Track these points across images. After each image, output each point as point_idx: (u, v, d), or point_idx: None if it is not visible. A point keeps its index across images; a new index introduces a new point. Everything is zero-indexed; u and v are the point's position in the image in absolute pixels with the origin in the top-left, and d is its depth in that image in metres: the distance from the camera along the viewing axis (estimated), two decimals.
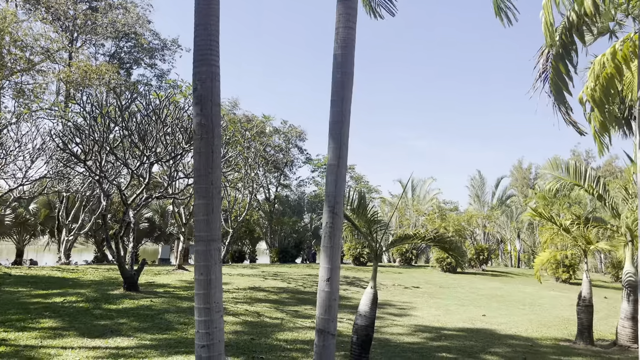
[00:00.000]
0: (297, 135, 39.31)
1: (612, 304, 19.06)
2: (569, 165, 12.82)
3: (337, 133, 5.42)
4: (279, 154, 37.55)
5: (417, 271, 29.20)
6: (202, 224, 4.43)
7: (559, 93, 8.86)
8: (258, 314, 12.45)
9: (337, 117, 5.45)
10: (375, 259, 9.61)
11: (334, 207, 5.37)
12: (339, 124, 5.40)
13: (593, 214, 16.20)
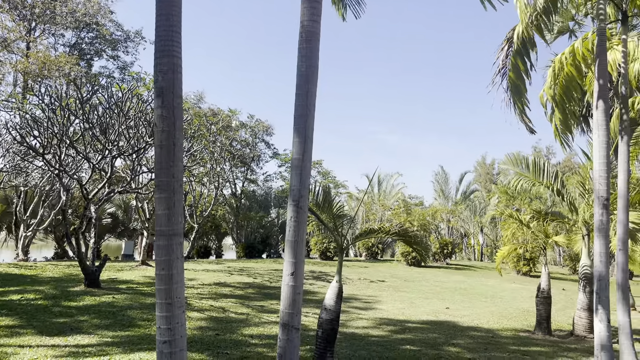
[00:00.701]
0: (264, 129, 39.09)
1: (570, 296, 19.72)
2: (528, 161, 13.16)
3: (301, 127, 5.41)
4: (245, 149, 37.28)
5: (383, 265, 29.53)
6: (164, 218, 4.35)
7: (516, 89, 9.07)
8: (223, 309, 12.37)
9: (301, 110, 5.44)
10: (341, 253, 9.66)
11: (299, 201, 5.36)
12: (303, 118, 5.39)
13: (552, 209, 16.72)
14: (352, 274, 22.88)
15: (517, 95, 9.56)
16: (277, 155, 42.35)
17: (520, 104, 9.75)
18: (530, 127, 10.20)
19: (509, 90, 9.75)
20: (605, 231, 7.74)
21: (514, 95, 9.69)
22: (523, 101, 9.69)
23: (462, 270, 29.79)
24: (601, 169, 7.68)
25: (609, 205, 7.84)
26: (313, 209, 9.60)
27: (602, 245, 7.69)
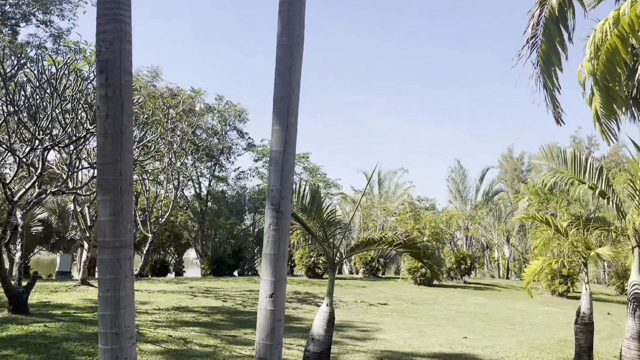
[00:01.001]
0: (236, 114, 39.01)
1: (617, 321, 19.93)
2: (566, 155, 13.24)
3: (283, 111, 5.40)
4: (212, 139, 37.18)
5: (385, 284, 29.60)
6: (108, 226, 4.33)
7: (547, 65, 9.10)
8: (185, 340, 12.33)
9: (283, 91, 5.43)
10: (333, 270, 9.70)
11: (279, 204, 5.36)
12: (285, 100, 5.38)
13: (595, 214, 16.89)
14: (347, 295, 22.92)
15: (548, 73, 9.63)
16: (252, 147, 42.31)
17: (551, 84, 9.82)
18: (558, 114, 10.28)
19: (539, 65, 9.81)
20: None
21: (544, 73, 9.76)
22: (554, 81, 9.77)
23: (483, 290, 29.97)
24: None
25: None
26: (298, 215, 9.63)
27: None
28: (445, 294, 26.26)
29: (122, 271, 4.37)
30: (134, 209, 28.04)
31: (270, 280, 5.34)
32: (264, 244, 5.41)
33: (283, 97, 5.39)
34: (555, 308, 23.29)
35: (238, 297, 20.39)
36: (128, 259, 4.43)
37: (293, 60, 5.41)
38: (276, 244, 5.35)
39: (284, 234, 5.39)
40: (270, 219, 5.41)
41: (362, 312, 19.11)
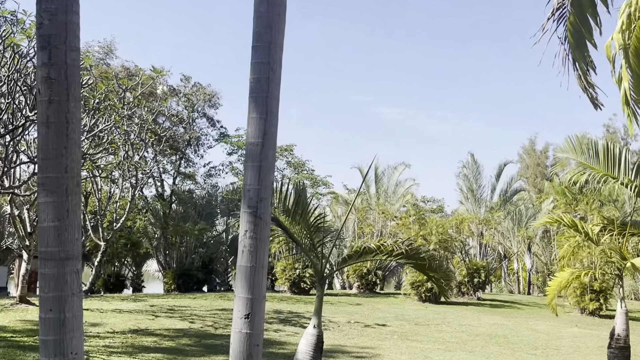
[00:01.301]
0: (205, 99, 38.93)
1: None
2: (598, 147, 13.33)
3: (262, 95, 5.39)
4: (177, 127, 37.06)
5: (384, 301, 29.65)
6: (52, 234, 4.30)
7: (578, 40, 9.11)
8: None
9: (262, 71, 5.41)
10: (321, 285, 9.72)
11: (257, 207, 5.35)
12: (264, 83, 5.37)
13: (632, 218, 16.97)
14: (339, 314, 22.94)
15: (579, 49, 9.64)
16: (225, 138, 42.28)
17: (584, 63, 9.84)
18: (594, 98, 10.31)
19: (567, 41, 9.83)
20: None
21: (573, 50, 9.78)
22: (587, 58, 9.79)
23: (500, 308, 30.10)
24: None
25: None
26: (279, 219, 9.63)
27: None
28: (455, 312, 26.34)
29: (67, 288, 4.34)
30: (83, 213, 27.91)
31: (245, 298, 5.33)
32: (239, 255, 5.39)
33: (261, 79, 5.37)
34: (585, 329, 23.44)
35: (208, 317, 20.33)
36: (75, 273, 4.40)
37: (273, 34, 5.40)
38: (253, 254, 5.34)
39: (263, 243, 5.38)
40: (246, 224, 5.39)
41: (356, 334, 19.12)
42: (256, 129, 5.40)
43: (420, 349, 17.26)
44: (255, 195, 5.37)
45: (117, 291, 34.65)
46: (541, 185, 62.88)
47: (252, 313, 5.34)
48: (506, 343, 19.15)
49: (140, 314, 19.97)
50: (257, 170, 5.39)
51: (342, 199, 44.51)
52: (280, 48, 5.47)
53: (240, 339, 5.34)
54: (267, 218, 5.43)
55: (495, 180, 48.05)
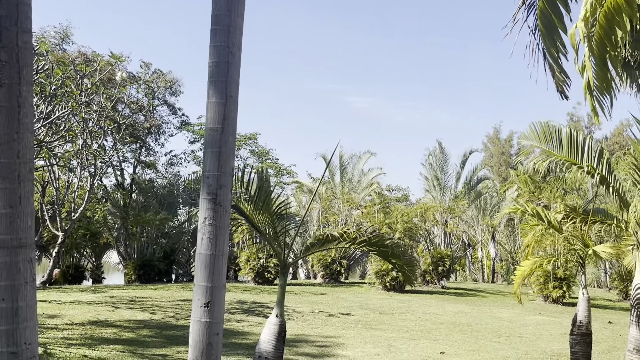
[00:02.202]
0: (166, 86, 38.57)
1: (619, 331, 20.50)
2: (562, 135, 13.48)
3: (221, 80, 5.35)
4: (137, 115, 36.68)
5: (349, 290, 29.79)
6: (4, 221, 4.23)
7: (549, 29, 9.20)
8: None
9: (221, 55, 5.38)
10: (284, 274, 9.71)
11: (217, 194, 5.32)
12: (223, 66, 5.33)
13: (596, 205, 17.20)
14: (303, 304, 22.99)
15: (550, 36, 9.72)
16: (187, 126, 41.98)
17: (555, 50, 9.94)
18: (563, 88, 10.44)
19: (537, 30, 9.92)
20: None
21: (544, 38, 9.86)
22: (558, 46, 9.88)
23: (464, 296, 30.43)
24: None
25: None
26: (241, 207, 9.59)
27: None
28: (419, 301, 26.55)
29: (20, 276, 4.28)
30: (41, 203, 27.56)
31: (205, 286, 5.31)
32: (198, 242, 5.37)
33: (220, 63, 5.34)
34: (549, 317, 23.80)
35: (169, 308, 20.24)
36: (28, 262, 4.34)
37: (232, 17, 5.36)
38: (213, 242, 5.32)
39: (223, 230, 5.36)
40: (205, 211, 5.37)
41: (320, 324, 19.18)
42: (216, 114, 5.37)
43: (385, 337, 17.37)
44: (214, 182, 5.34)
45: (76, 283, 34.30)
46: (506, 174, 63.68)
47: (212, 301, 5.32)
48: (470, 331, 19.37)
49: (100, 306, 19.81)
50: (217, 156, 5.36)
51: (307, 188, 44.54)
52: (240, 31, 5.44)
53: (200, 328, 5.32)
54: (227, 205, 5.40)
55: (460, 168, 48.43)
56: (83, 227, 34.81)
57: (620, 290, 33.43)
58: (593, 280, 42.99)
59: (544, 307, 27.53)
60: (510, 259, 46.56)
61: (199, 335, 5.31)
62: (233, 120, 5.42)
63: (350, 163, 44.66)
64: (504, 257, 48.81)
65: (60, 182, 28.43)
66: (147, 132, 38.65)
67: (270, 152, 46.90)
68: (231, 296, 23.95)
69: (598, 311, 25.98)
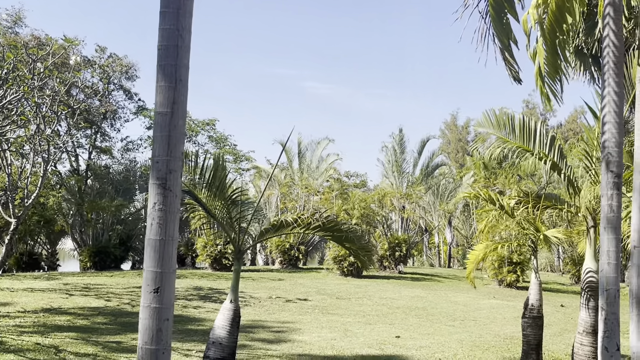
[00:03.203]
0: (122, 70, 38.08)
1: (571, 314, 20.96)
2: (514, 122, 13.65)
3: (170, 63, 5.29)
4: (92, 100, 36.15)
5: (307, 276, 29.89)
6: None
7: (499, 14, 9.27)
8: (56, 349, 12.13)
9: (170, 38, 5.31)
10: (239, 259, 9.71)
11: (166, 179, 5.26)
12: (172, 50, 5.26)
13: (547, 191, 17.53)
14: (260, 290, 23.02)
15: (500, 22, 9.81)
16: (144, 111, 41.56)
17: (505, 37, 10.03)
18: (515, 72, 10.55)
19: (488, 15, 9.99)
20: (616, 221, 8.20)
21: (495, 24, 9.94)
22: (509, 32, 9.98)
23: (420, 281, 30.74)
24: (610, 131, 8.10)
25: (622, 183, 8.29)
26: (195, 193, 9.55)
27: (610, 241, 8.14)
28: (376, 286, 26.77)
29: None
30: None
31: (155, 272, 5.25)
32: (148, 228, 5.31)
33: (169, 47, 5.27)
34: (503, 300, 24.20)
35: (125, 295, 20.12)
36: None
37: (182, 0, 5.30)
38: (163, 227, 5.26)
39: (173, 215, 5.31)
40: (155, 196, 5.31)
41: (277, 309, 19.24)
42: (165, 98, 5.30)
43: (341, 322, 17.49)
44: (164, 167, 5.29)
45: (30, 270, 33.85)
46: (462, 160, 64.29)
47: (162, 287, 5.27)
48: (425, 315, 19.60)
49: (54, 293, 19.63)
50: (166, 140, 5.30)
51: (266, 174, 44.43)
52: (190, 14, 5.38)
53: (150, 314, 5.28)
54: (177, 190, 5.35)
55: (418, 155, 48.76)
56: (37, 213, 34.26)
57: (573, 274, 34.10)
58: (547, 264, 43.77)
59: (499, 291, 27.95)
60: (466, 244, 47.10)
61: (149, 320, 5.26)
62: (183, 105, 5.36)
63: (309, 149, 44.72)
64: (460, 242, 49.38)
65: (12, 168, 27.88)
66: (103, 117, 38.17)
67: (229, 138, 46.78)
68: (188, 283, 23.88)
69: (551, 295, 26.48)
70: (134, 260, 39.41)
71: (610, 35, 8.07)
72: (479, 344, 15.24)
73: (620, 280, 8.57)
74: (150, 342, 5.26)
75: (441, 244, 49.91)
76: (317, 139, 44.72)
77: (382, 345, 14.50)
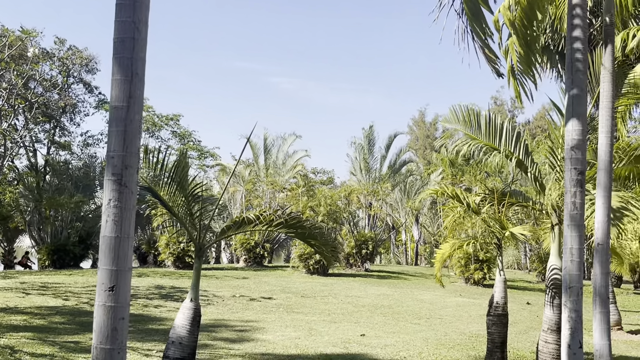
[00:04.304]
0: (82, 63, 37.65)
1: (537, 312, 21.23)
2: (480, 118, 13.77)
3: (126, 57, 5.25)
4: (51, 93, 35.71)
5: (272, 274, 29.88)
6: None
7: (475, 10, 9.35)
8: (12, 349, 12.00)
9: (126, 31, 5.27)
10: (199, 257, 9.68)
11: (122, 175, 5.22)
12: (128, 43, 5.22)
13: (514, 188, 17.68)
14: (224, 288, 22.95)
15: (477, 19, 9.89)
16: (104, 104, 41.14)
17: (482, 33, 10.13)
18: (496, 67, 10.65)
19: (464, 13, 10.08)
20: (579, 218, 8.32)
21: (472, 22, 10.03)
22: (485, 29, 10.08)
23: (387, 279, 30.91)
24: (574, 128, 8.22)
25: (585, 180, 8.42)
26: (154, 189, 9.49)
27: (574, 238, 8.24)
28: (342, 284, 26.84)
29: None
30: None
31: (110, 270, 5.22)
32: (103, 225, 5.28)
33: (125, 40, 5.23)
34: (469, 298, 24.44)
35: (84, 294, 19.94)
36: None
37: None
38: (118, 224, 5.23)
39: (129, 212, 5.27)
40: (110, 192, 5.26)
41: (240, 308, 19.20)
42: (121, 91, 5.26)
43: (306, 320, 17.52)
44: (119, 162, 5.25)
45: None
46: (430, 157, 64.68)
47: (117, 285, 5.24)
48: (391, 313, 19.72)
49: (10, 292, 19.39)
50: (122, 135, 5.26)
51: (230, 171, 44.30)
52: (147, 7, 5.35)
53: (105, 312, 5.24)
54: (132, 186, 5.32)
55: (385, 151, 48.78)
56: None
57: (539, 272, 34.53)
58: (514, 262, 44.32)
59: (465, 288, 28.22)
60: (433, 241, 47.45)
61: (104, 320, 5.23)
62: (139, 99, 5.33)
63: (275, 145, 44.64)
64: (427, 240, 49.75)
65: None
66: (62, 111, 37.73)
67: (193, 133, 46.60)
68: (150, 281, 23.74)
69: (517, 292, 26.81)
70: (93, 259, 39.00)
71: (576, 32, 8.18)
72: (444, 342, 15.37)
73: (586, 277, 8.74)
74: (105, 341, 5.22)
75: (408, 242, 50.20)
76: (284, 134, 44.73)
77: (347, 344, 14.55)
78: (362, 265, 34.12)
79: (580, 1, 8.32)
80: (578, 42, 8.27)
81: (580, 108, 8.27)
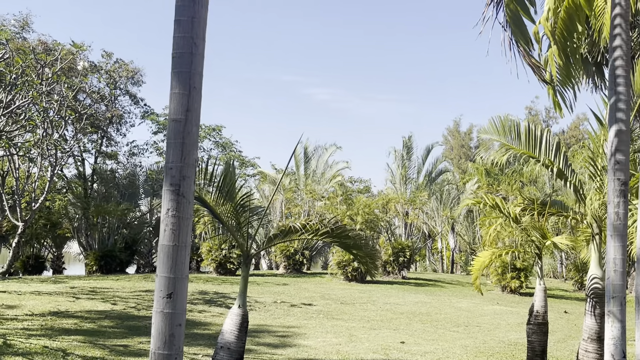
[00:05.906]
0: (128, 75, 38.14)
1: (574, 321, 20.90)
2: (520, 128, 13.64)
3: (184, 71, 5.30)
4: (99, 105, 36.23)
5: (311, 281, 29.86)
6: None
7: (518, 23, 9.30)
8: (64, 352, 12.11)
9: (184, 46, 5.33)
10: (246, 265, 9.70)
11: (180, 185, 5.27)
12: (187, 57, 5.28)
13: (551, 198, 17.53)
14: (265, 294, 23.00)
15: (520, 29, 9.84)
16: (150, 116, 41.67)
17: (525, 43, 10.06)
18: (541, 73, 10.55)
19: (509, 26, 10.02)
20: (623, 228, 8.19)
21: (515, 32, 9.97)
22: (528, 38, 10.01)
23: (424, 286, 30.70)
24: (617, 138, 8.10)
25: (628, 191, 8.29)
26: (204, 198, 9.56)
27: (617, 248, 8.12)
28: (380, 291, 26.73)
29: None
30: (1, 193, 27.15)
31: (167, 277, 5.26)
32: (161, 234, 5.32)
33: (184, 54, 5.28)
34: (506, 306, 24.15)
35: (131, 298, 20.08)
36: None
37: (196, 7, 5.31)
38: (176, 233, 5.27)
39: (186, 221, 5.31)
40: (168, 202, 5.32)
41: (282, 314, 19.21)
42: (179, 105, 5.31)
43: (346, 327, 17.47)
44: (177, 173, 5.30)
45: (37, 273, 33.91)
46: (465, 166, 64.23)
47: (175, 292, 5.28)
48: (429, 320, 19.57)
49: (61, 296, 19.59)
50: (180, 147, 5.31)
51: (270, 179, 44.46)
52: (204, 22, 5.40)
53: (162, 319, 5.28)
54: (189, 196, 5.36)
55: (422, 161, 48.84)
56: (43, 217, 34.35)
57: (576, 280, 34.05)
58: (550, 271, 43.72)
59: (502, 297, 27.91)
60: (469, 249, 47.06)
61: (162, 326, 5.27)
62: (196, 112, 5.38)
63: (315, 155, 44.78)
64: (463, 248, 49.35)
65: (20, 172, 27.99)
66: (109, 122, 38.24)
67: (235, 144, 46.94)
68: (193, 287, 23.87)
69: (554, 301, 26.42)
70: (138, 264, 39.38)
71: (619, 44, 8.08)
72: (483, 350, 15.21)
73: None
74: (163, 347, 5.26)
75: (444, 250, 49.83)
76: (324, 145, 44.90)
77: (387, 350, 14.48)
78: (399, 272, 33.97)
79: (621, 10, 8.22)
80: (619, 50, 8.18)
81: (623, 119, 8.16)
